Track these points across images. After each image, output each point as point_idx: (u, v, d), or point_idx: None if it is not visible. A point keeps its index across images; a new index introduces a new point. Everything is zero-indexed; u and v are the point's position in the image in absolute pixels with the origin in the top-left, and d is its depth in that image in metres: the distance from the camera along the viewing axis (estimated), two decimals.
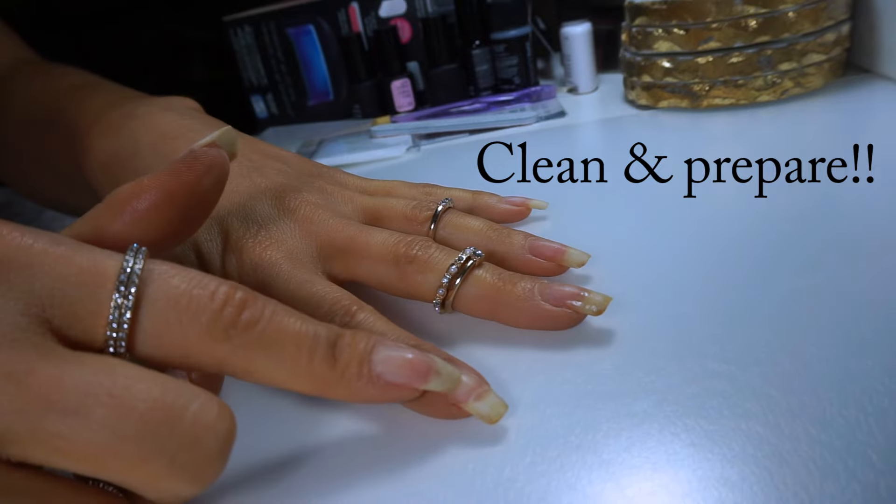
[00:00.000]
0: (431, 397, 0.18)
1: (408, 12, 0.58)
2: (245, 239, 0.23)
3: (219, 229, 0.23)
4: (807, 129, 0.35)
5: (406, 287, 0.22)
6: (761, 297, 0.21)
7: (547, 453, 0.16)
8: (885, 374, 0.17)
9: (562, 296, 0.21)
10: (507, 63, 0.54)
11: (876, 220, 0.24)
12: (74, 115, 0.30)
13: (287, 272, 0.22)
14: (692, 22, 0.40)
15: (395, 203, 0.26)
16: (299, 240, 0.23)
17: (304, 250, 0.23)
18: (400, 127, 0.50)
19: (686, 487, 0.15)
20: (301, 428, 0.19)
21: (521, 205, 0.30)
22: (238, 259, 0.22)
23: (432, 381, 0.16)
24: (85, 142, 0.28)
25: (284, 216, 0.24)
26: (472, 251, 0.22)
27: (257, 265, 0.22)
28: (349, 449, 0.18)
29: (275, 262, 0.22)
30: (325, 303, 0.20)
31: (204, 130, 0.26)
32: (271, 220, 0.23)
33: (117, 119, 0.28)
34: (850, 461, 0.14)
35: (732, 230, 0.26)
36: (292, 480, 0.17)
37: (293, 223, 0.24)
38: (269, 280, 0.21)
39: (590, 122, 0.46)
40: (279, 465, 0.18)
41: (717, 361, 0.18)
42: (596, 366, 0.19)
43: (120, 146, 0.27)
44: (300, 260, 0.22)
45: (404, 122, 0.51)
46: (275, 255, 0.22)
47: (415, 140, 0.48)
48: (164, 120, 0.27)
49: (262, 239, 0.23)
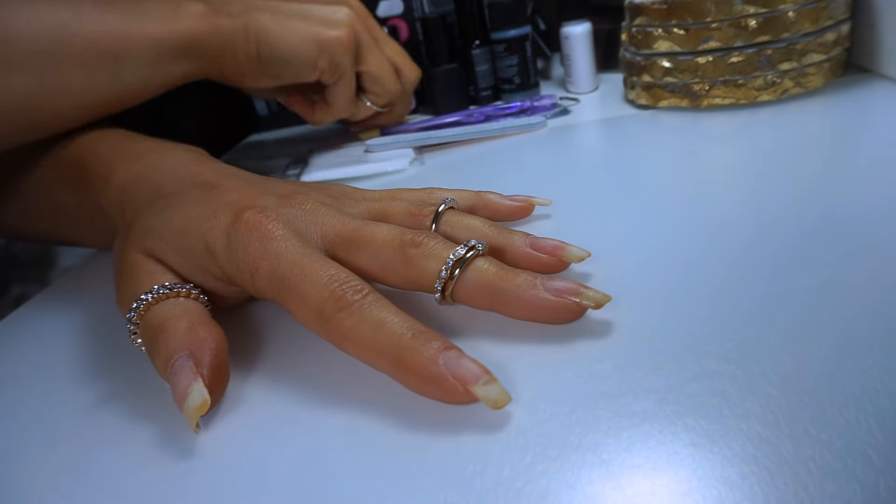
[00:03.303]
0: (441, 378, 0.18)
1: (405, 12, 0.58)
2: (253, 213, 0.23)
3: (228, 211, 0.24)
4: (807, 129, 0.35)
5: (408, 272, 0.22)
6: (761, 296, 0.21)
7: (547, 453, 0.16)
8: (885, 374, 0.17)
9: (562, 288, 0.21)
10: (507, 63, 0.54)
11: (876, 220, 0.24)
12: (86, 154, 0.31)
13: (294, 245, 0.22)
14: (692, 22, 0.40)
15: (399, 204, 0.27)
16: (305, 226, 0.24)
17: (310, 235, 0.23)
18: (400, 139, 0.47)
19: (686, 487, 0.15)
20: (301, 428, 0.19)
21: (525, 202, 0.30)
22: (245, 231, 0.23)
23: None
24: (102, 172, 0.29)
25: (292, 208, 0.24)
26: (475, 242, 0.22)
27: (264, 235, 0.22)
28: (349, 449, 0.18)
29: (283, 236, 0.22)
30: (335, 280, 0.20)
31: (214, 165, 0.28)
32: (279, 208, 0.24)
33: (135, 150, 0.30)
34: (850, 461, 0.14)
35: (733, 230, 0.26)
36: (293, 480, 0.17)
37: (301, 212, 0.24)
38: (278, 251, 0.22)
39: (590, 121, 0.46)
40: (280, 465, 0.18)
41: (717, 361, 0.18)
42: (596, 365, 0.19)
43: (141, 169, 0.28)
44: (306, 240, 0.23)
45: (401, 135, 0.47)
46: (283, 230, 0.22)
47: (416, 152, 0.45)
48: (179, 148, 0.30)
49: (271, 215, 0.23)
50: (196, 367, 0.20)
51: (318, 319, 0.20)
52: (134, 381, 0.23)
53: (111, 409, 0.22)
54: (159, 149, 0.30)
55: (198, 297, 0.23)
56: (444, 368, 0.18)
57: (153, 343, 0.21)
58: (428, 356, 0.18)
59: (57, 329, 0.29)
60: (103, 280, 0.33)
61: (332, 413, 0.20)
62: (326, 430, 0.19)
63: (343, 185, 0.30)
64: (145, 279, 0.23)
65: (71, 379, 0.24)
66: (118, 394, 0.23)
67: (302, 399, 0.21)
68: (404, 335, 0.19)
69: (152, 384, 0.22)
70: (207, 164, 0.28)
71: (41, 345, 0.28)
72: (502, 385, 0.18)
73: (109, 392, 0.23)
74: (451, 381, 0.18)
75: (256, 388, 0.22)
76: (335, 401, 0.20)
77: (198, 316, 0.22)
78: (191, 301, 0.23)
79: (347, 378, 0.21)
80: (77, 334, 0.28)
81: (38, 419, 0.22)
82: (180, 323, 0.21)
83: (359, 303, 0.20)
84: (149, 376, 0.22)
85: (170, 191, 0.26)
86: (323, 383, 0.21)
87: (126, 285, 0.23)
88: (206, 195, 0.25)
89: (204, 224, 0.23)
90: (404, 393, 0.19)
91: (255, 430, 0.20)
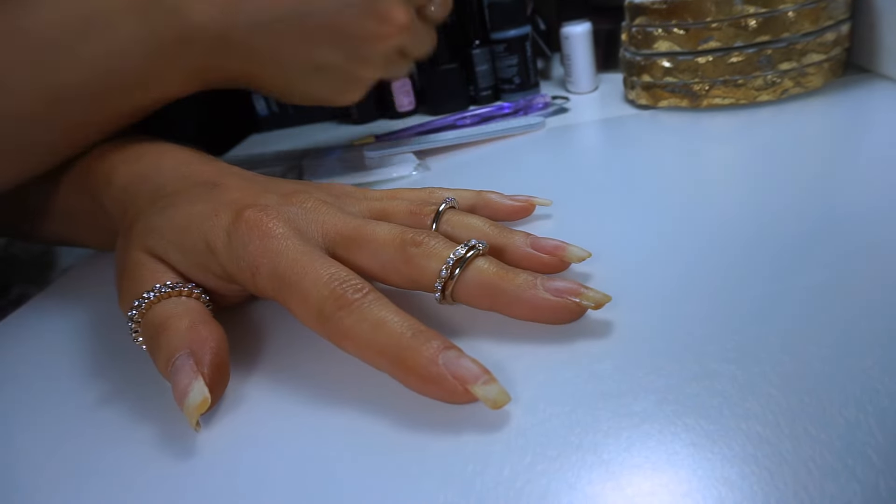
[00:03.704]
0: (440, 377, 0.18)
1: None
2: (254, 211, 0.23)
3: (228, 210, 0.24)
4: (807, 129, 0.35)
5: (409, 271, 0.22)
6: (761, 296, 0.21)
7: (547, 453, 0.16)
8: (885, 374, 0.17)
9: (562, 288, 0.21)
10: (507, 63, 0.54)
11: (876, 220, 0.24)
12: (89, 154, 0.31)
13: (295, 244, 0.22)
14: (692, 21, 0.40)
15: (400, 203, 0.27)
16: (306, 224, 0.24)
17: (311, 234, 0.23)
18: (400, 145, 0.46)
19: (686, 487, 0.15)
20: (301, 428, 0.19)
21: (525, 202, 0.30)
22: (246, 229, 0.23)
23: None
24: (104, 171, 0.29)
25: (293, 206, 0.24)
26: (475, 241, 0.22)
27: (265, 234, 0.22)
28: (349, 449, 0.18)
29: (284, 235, 0.22)
30: (335, 279, 0.20)
31: (215, 165, 0.28)
32: (280, 206, 0.24)
33: (136, 150, 0.30)
34: (850, 461, 0.14)
35: (733, 230, 0.26)
36: (293, 480, 0.17)
37: (301, 211, 0.24)
38: (278, 250, 0.22)
39: (590, 121, 0.46)
40: (280, 465, 0.18)
41: (717, 361, 0.18)
42: (596, 365, 0.19)
43: (142, 168, 0.28)
44: (307, 238, 0.23)
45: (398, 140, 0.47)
46: (283, 228, 0.22)
47: (419, 157, 0.44)
48: (180, 148, 0.30)
49: (272, 214, 0.23)
50: (197, 365, 0.20)
51: (318, 318, 0.20)
52: (134, 381, 0.23)
53: (112, 409, 0.22)
54: (161, 148, 0.30)
55: (199, 297, 0.23)
56: (444, 368, 0.18)
57: (154, 341, 0.21)
58: (428, 355, 0.18)
59: (57, 329, 0.29)
60: (103, 280, 0.33)
61: (332, 413, 0.20)
62: (326, 430, 0.19)
63: (344, 184, 0.30)
64: (147, 278, 0.23)
65: (71, 379, 0.24)
66: (118, 394, 0.23)
67: (302, 399, 0.21)
68: (404, 334, 0.19)
69: (153, 384, 0.22)
70: (209, 164, 0.28)
71: (41, 345, 0.28)
72: (502, 385, 0.18)
73: (110, 392, 0.23)
74: (450, 380, 0.18)
75: (256, 387, 0.22)
76: (335, 401, 0.20)
77: (199, 315, 0.22)
78: (192, 300, 0.23)
79: (347, 378, 0.21)
80: (77, 334, 0.28)
81: (39, 419, 0.22)
82: (182, 322, 0.21)
83: (359, 301, 0.20)
84: (149, 376, 0.22)
85: (171, 190, 0.26)
86: (323, 383, 0.21)
87: (128, 284, 0.23)
88: (208, 194, 0.25)
89: (205, 222, 0.23)
90: (404, 393, 0.19)
91: (255, 430, 0.20)
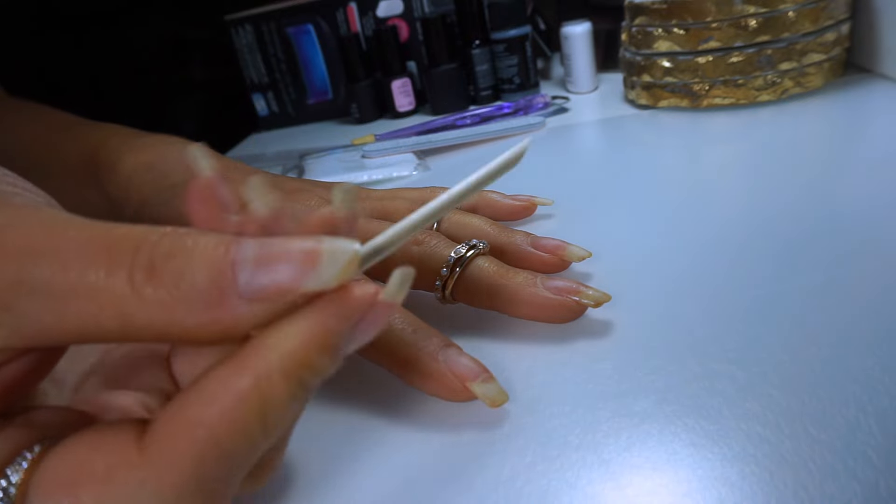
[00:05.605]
0: (440, 374, 0.18)
1: (405, 12, 0.58)
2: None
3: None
4: (807, 129, 0.35)
5: None
6: (761, 297, 0.21)
7: (547, 453, 0.16)
8: (885, 374, 0.17)
9: (561, 287, 0.21)
10: (507, 63, 0.54)
11: (876, 220, 0.24)
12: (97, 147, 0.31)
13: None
14: (692, 22, 0.40)
15: (401, 202, 0.27)
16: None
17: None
18: (400, 144, 0.45)
19: (686, 487, 0.15)
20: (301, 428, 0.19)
21: (527, 201, 0.30)
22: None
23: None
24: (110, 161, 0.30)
25: (296, 203, 0.25)
26: (476, 241, 0.22)
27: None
28: (349, 448, 0.18)
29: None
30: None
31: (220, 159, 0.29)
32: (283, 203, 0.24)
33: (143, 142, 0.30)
34: (850, 461, 0.14)
35: (733, 230, 0.26)
36: (293, 480, 0.17)
37: (304, 208, 0.24)
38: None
39: (590, 121, 0.46)
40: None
41: (717, 361, 0.18)
42: (596, 365, 0.19)
43: (147, 158, 0.29)
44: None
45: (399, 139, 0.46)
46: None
47: (419, 157, 0.44)
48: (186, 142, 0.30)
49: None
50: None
51: None
52: None
53: None
54: (167, 140, 0.30)
55: None
56: (444, 364, 0.18)
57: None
58: (428, 352, 0.18)
59: None
60: None
61: (331, 412, 0.20)
62: (326, 429, 0.19)
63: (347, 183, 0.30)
64: None
65: None
66: None
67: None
68: (404, 331, 0.19)
69: None
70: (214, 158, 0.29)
71: None
72: (500, 384, 0.18)
73: None
74: (450, 377, 0.18)
75: None
76: (335, 399, 0.20)
77: None
78: None
79: (347, 377, 0.21)
80: None
81: None
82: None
83: None
84: None
85: (176, 180, 0.26)
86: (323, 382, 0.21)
87: None
88: None
89: None
90: (404, 392, 0.19)
91: None
